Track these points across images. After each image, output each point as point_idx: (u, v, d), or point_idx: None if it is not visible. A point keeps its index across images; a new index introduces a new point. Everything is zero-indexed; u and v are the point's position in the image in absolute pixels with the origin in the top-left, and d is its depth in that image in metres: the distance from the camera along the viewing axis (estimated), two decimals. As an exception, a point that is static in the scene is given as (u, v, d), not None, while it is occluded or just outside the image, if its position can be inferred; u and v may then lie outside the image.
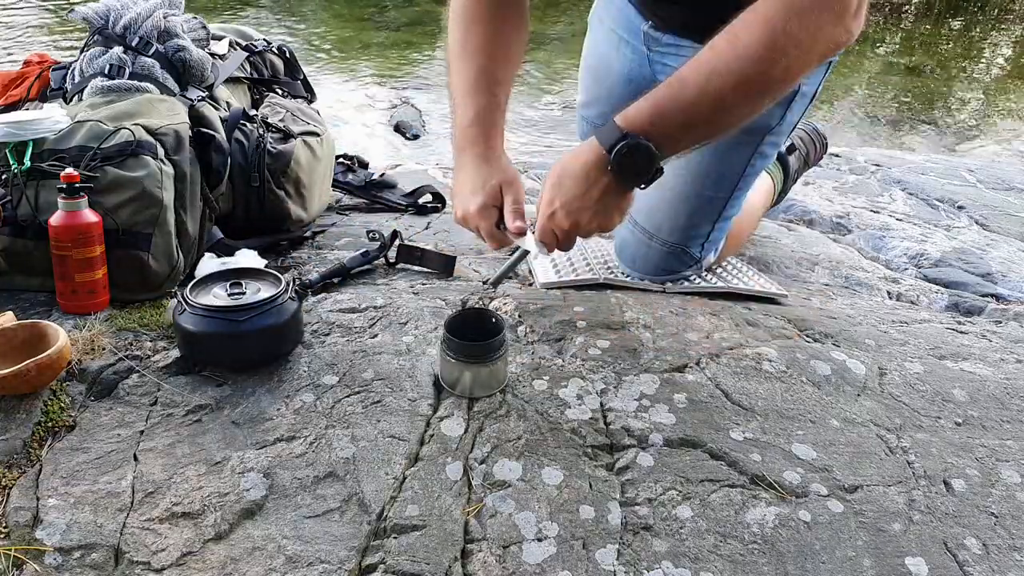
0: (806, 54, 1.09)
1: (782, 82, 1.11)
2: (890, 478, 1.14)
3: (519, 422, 1.19)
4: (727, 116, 1.13)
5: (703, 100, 1.10)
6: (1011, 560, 1.03)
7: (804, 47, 1.08)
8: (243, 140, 1.76)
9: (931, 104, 5.33)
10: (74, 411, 1.19)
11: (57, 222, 1.38)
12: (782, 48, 1.07)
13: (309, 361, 1.30)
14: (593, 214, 1.16)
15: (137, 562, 0.97)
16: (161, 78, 1.73)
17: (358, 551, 0.99)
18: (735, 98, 1.11)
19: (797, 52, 1.08)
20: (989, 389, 1.34)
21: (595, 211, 1.16)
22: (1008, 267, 2.07)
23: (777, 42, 1.06)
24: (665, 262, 1.64)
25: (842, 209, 2.40)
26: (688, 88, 1.10)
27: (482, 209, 1.23)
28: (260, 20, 6.08)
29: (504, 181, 1.24)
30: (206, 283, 1.34)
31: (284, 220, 1.82)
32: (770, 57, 1.07)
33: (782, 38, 1.06)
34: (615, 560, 0.99)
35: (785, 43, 1.07)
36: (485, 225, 1.24)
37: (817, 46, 1.09)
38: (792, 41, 1.07)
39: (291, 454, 1.12)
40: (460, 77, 1.30)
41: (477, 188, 1.24)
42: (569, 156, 1.17)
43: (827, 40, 1.09)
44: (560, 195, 1.16)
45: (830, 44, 1.09)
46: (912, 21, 7.95)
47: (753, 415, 1.22)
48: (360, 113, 4.43)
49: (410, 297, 1.52)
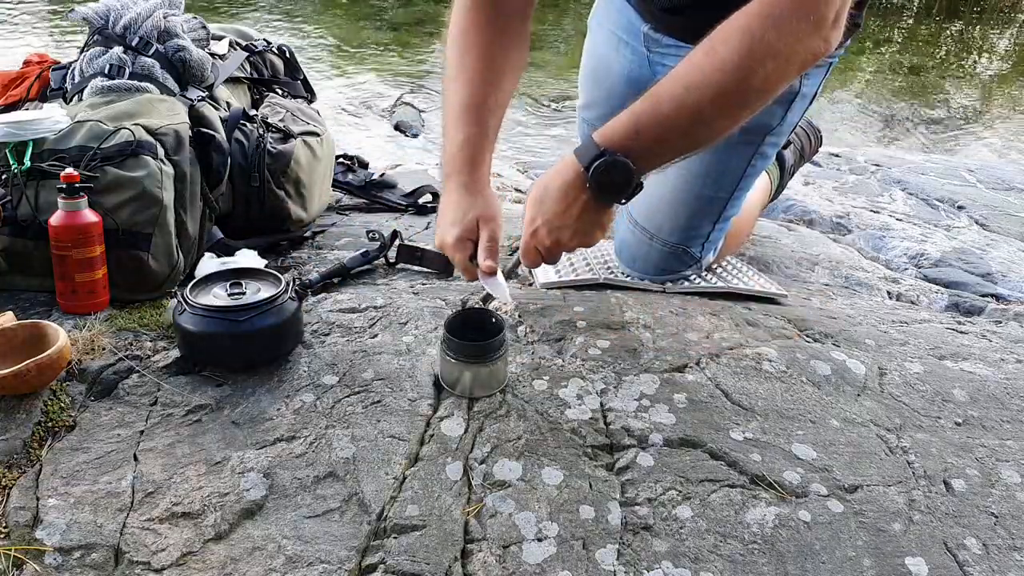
0: (784, 64, 1.08)
1: (761, 92, 1.10)
2: (890, 478, 1.14)
3: (519, 422, 1.19)
4: (705, 129, 1.13)
5: (681, 114, 1.10)
6: (1011, 560, 1.03)
7: (782, 57, 1.07)
8: (243, 140, 1.76)
9: (931, 104, 5.34)
10: (74, 411, 1.19)
11: (57, 222, 1.38)
12: (760, 59, 1.06)
13: (309, 361, 1.30)
14: (574, 232, 1.17)
15: (137, 562, 0.97)
16: (161, 78, 1.73)
17: (358, 551, 0.99)
18: (713, 111, 1.10)
19: (775, 63, 1.07)
20: (989, 389, 1.34)
21: (576, 229, 1.17)
22: (1008, 267, 2.07)
23: (755, 53, 1.06)
24: (665, 262, 1.64)
25: (842, 209, 2.40)
26: (665, 102, 1.10)
27: (457, 242, 1.24)
28: (260, 20, 6.08)
29: (482, 216, 1.24)
30: (206, 283, 1.34)
31: (284, 220, 1.82)
32: (748, 67, 1.07)
33: (760, 48, 1.06)
34: (615, 560, 0.99)
35: (763, 54, 1.06)
36: (459, 258, 1.25)
37: (795, 56, 1.08)
38: (770, 52, 1.06)
39: (291, 454, 1.12)
40: (452, 102, 1.30)
41: (456, 219, 1.25)
42: (550, 174, 1.18)
43: (805, 50, 1.08)
44: (541, 213, 1.17)
45: (808, 54, 1.08)
46: (912, 21, 7.96)
47: (753, 415, 1.22)
48: (360, 113, 4.43)
49: (410, 297, 1.52)
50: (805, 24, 1.06)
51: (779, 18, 1.05)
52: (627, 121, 1.11)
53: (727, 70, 1.07)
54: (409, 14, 6.54)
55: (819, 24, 1.06)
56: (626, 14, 1.63)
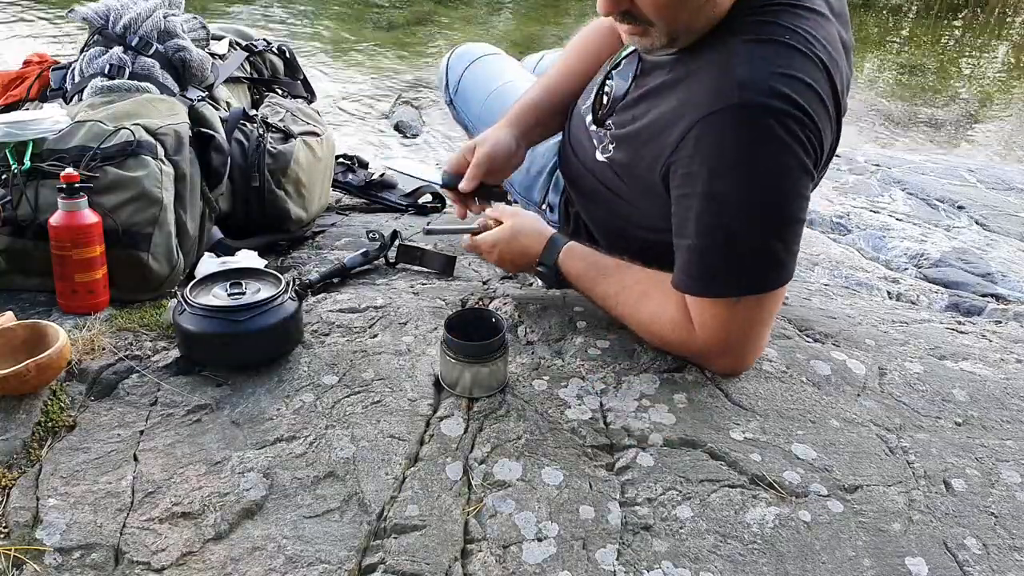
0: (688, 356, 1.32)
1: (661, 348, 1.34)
2: (890, 478, 1.14)
3: (519, 422, 1.19)
4: (618, 319, 1.36)
5: (606, 301, 1.35)
6: (1011, 560, 1.03)
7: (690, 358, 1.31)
8: (243, 140, 1.76)
9: (931, 104, 5.33)
10: (74, 411, 1.19)
11: (57, 222, 1.38)
12: (671, 348, 1.31)
13: (309, 361, 1.30)
14: (513, 267, 1.51)
15: (137, 562, 0.97)
16: (161, 78, 1.73)
17: (358, 551, 0.99)
18: (625, 320, 1.34)
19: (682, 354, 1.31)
20: (989, 389, 1.34)
21: (514, 265, 1.48)
22: (1008, 267, 2.07)
23: (669, 344, 1.31)
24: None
25: (842, 209, 2.40)
26: (601, 284, 1.34)
27: (457, 155, 1.53)
28: (261, 20, 6.08)
29: (479, 142, 1.49)
30: (206, 283, 1.34)
31: (284, 220, 1.82)
32: (659, 342, 1.32)
33: (675, 347, 1.30)
34: (615, 560, 0.99)
35: (676, 349, 1.31)
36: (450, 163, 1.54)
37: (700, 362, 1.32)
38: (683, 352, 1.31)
39: (291, 454, 1.12)
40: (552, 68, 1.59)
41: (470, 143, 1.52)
42: (529, 226, 1.42)
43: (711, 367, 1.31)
44: (503, 244, 1.43)
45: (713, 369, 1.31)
46: (912, 21, 7.96)
47: (753, 415, 1.22)
48: (360, 113, 4.42)
49: (410, 297, 1.52)
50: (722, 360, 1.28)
51: (699, 357, 1.29)
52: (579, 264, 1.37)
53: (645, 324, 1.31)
54: (409, 14, 6.54)
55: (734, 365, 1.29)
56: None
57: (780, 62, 1.12)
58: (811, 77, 1.12)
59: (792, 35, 1.14)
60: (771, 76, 1.11)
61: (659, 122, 1.22)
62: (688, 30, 1.20)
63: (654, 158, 1.23)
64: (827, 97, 1.15)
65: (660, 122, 1.22)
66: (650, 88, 1.27)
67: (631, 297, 1.31)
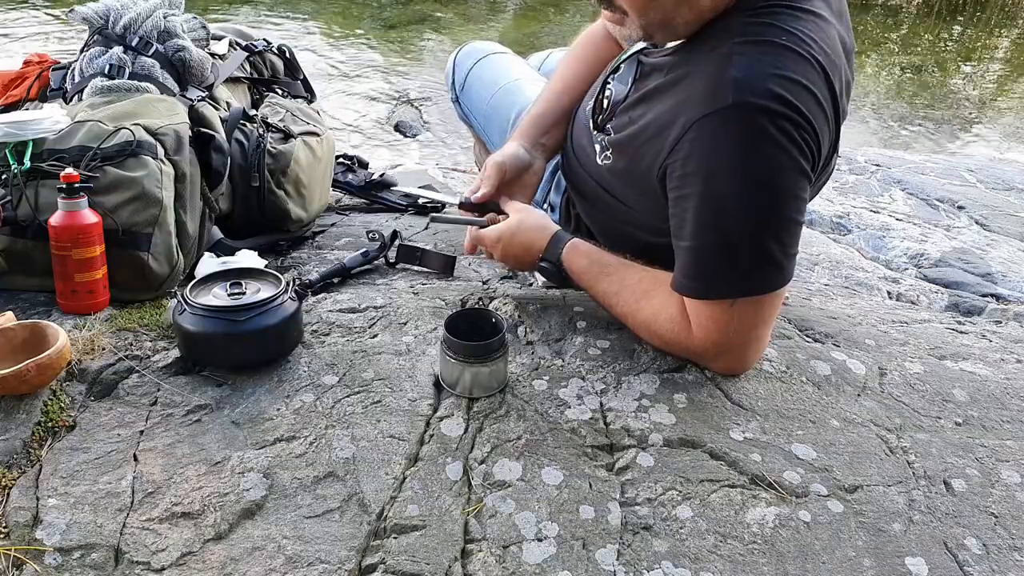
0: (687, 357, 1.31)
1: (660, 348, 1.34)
2: (890, 478, 1.14)
3: (519, 422, 1.19)
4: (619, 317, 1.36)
5: (607, 299, 1.35)
6: (1011, 560, 1.03)
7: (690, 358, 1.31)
8: (243, 140, 1.76)
9: (931, 104, 5.33)
10: (74, 411, 1.19)
11: (57, 222, 1.38)
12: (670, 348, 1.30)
13: (309, 361, 1.30)
14: (515, 263, 1.48)
15: (137, 562, 0.97)
16: (161, 78, 1.73)
17: (358, 551, 0.99)
18: (626, 319, 1.34)
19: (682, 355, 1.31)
20: (989, 389, 1.34)
21: (517, 264, 1.48)
22: (1008, 267, 2.07)
23: (668, 344, 1.30)
24: None
25: (842, 209, 2.40)
26: (603, 282, 1.34)
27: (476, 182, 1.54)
28: (259, 20, 6.08)
29: (491, 162, 1.50)
30: (206, 283, 1.34)
31: (284, 220, 1.82)
32: (659, 341, 1.31)
33: (675, 347, 1.29)
34: (615, 560, 0.99)
35: (675, 349, 1.30)
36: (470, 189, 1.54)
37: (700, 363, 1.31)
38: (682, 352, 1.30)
39: (291, 454, 1.12)
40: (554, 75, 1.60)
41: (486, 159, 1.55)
42: (534, 221, 1.42)
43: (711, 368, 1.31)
44: (506, 241, 1.42)
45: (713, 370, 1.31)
46: (912, 21, 7.96)
47: (753, 415, 1.22)
48: (360, 112, 4.42)
49: (410, 297, 1.52)
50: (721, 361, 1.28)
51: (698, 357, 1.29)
52: (582, 262, 1.36)
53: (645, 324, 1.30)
54: (409, 13, 6.54)
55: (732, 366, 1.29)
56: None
57: (776, 64, 1.12)
58: (808, 79, 1.12)
59: (789, 37, 1.14)
60: (767, 78, 1.11)
61: (656, 124, 1.22)
62: (664, 26, 1.20)
63: (652, 160, 1.23)
64: (824, 99, 1.14)
65: (657, 124, 1.22)
66: (648, 90, 1.27)
67: (632, 296, 1.31)
